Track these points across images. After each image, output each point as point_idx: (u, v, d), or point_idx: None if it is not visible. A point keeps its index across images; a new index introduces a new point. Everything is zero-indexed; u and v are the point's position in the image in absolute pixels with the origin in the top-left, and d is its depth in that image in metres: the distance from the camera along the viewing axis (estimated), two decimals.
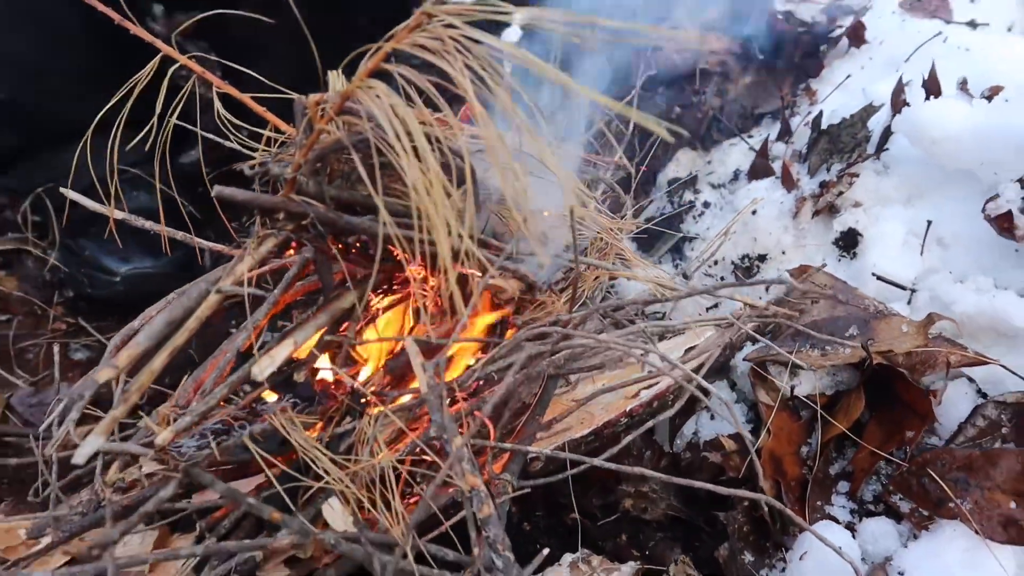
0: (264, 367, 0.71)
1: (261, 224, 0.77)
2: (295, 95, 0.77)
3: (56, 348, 1.04)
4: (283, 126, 0.88)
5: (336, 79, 0.80)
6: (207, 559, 0.76)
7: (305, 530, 0.64)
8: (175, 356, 0.68)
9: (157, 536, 0.83)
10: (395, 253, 0.85)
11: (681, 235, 1.38)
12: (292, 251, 0.83)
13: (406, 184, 0.62)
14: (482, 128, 0.59)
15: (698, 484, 0.85)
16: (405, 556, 0.67)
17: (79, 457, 0.60)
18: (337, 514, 0.72)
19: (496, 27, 0.72)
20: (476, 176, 0.64)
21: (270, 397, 0.86)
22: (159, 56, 0.81)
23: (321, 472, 0.70)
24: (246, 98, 0.83)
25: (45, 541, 0.76)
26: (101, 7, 0.78)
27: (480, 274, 0.91)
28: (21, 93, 1.30)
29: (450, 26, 0.59)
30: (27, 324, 1.41)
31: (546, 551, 0.75)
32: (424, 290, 0.91)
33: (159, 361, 0.66)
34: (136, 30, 0.78)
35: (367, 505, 0.74)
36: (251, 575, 0.79)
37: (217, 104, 0.82)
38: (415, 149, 0.59)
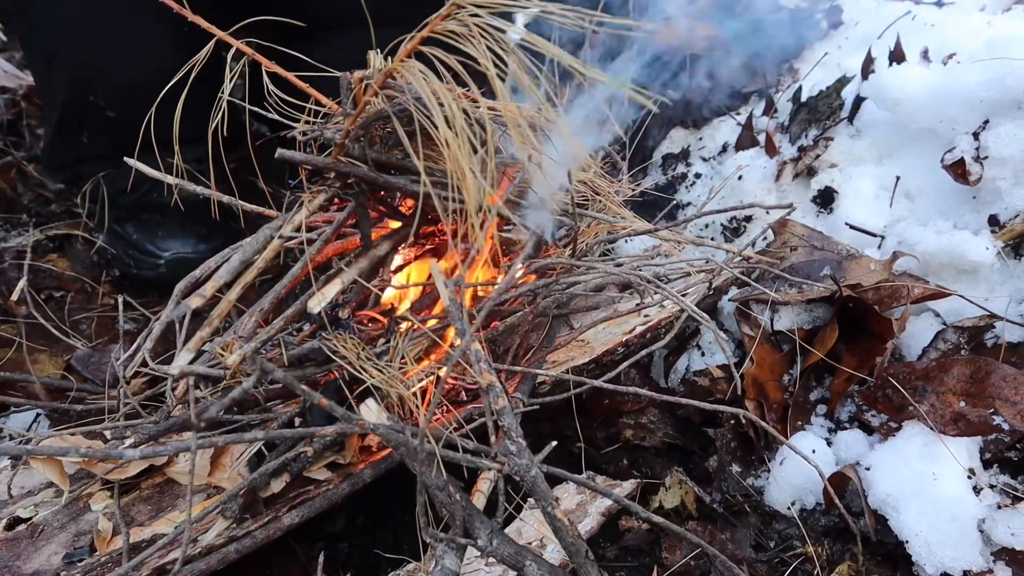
0: (317, 302, 0.84)
1: (312, 183, 0.90)
2: (340, 73, 0.90)
3: (120, 300, 1.16)
4: (324, 100, 1.00)
5: (375, 59, 0.93)
6: (263, 458, 0.89)
7: (349, 418, 0.76)
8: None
9: (215, 450, 0.95)
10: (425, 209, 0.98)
11: (674, 201, 1.51)
12: (335, 206, 0.96)
13: (437, 147, 0.75)
14: (500, 99, 0.72)
15: (685, 401, 0.96)
16: (431, 441, 0.79)
17: (174, 369, 0.71)
18: (373, 412, 0.84)
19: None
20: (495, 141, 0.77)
21: None
22: (214, 40, 0.93)
23: (364, 377, 0.82)
24: (292, 76, 0.95)
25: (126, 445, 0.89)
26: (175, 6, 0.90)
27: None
28: (129, 113, 1.46)
29: (475, 15, 0.71)
30: (79, 299, 1.54)
31: (554, 443, 0.86)
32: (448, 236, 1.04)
33: (234, 292, 0.78)
34: (194, 18, 0.90)
35: (398, 407, 0.86)
36: (300, 474, 0.91)
37: (266, 81, 0.94)
38: (446, 118, 0.72)
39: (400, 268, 1.07)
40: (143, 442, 0.84)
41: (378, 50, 0.93)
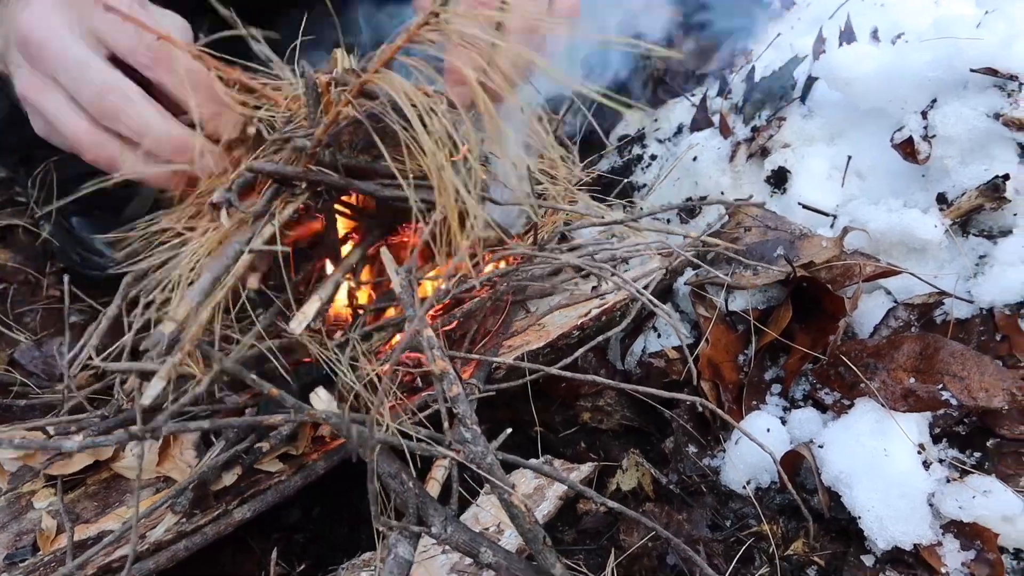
0: (299, 322, 0.81)
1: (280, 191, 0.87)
2: (298, 71, 0.87)
3: (67, 285, 1.11)
4: (278, 98, 0.96)
5: (342, 58, 0.90)
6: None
7: (300, 406, 0.75)
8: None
9: (162, 440, 0.93)
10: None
11: (627, 181, 1.50)
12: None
13: (407, 151, 0.74)
14: (485, 112, 0.70)
15: (642, 389, 0.96)
16: (380, 427, 0.78)
17: (146, 399, 0.68)
18: (323, 400, 0.82)
19: None
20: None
21: None
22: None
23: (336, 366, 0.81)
24: (244, 77, 0.91)
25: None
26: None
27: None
28: None
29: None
30: (23, 292, 1.49)
31: (509, 430, 0.85)
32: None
33: (205, 314, 0.75)
34: (132, 18, 0.85)
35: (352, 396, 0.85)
36: (251, 467, 0.90)
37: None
38: (425, 128, 0.71)
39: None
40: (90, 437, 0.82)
41: (343, 50, 0.91)
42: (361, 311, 1.00)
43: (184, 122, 0.83)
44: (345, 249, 1.00)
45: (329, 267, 0.99)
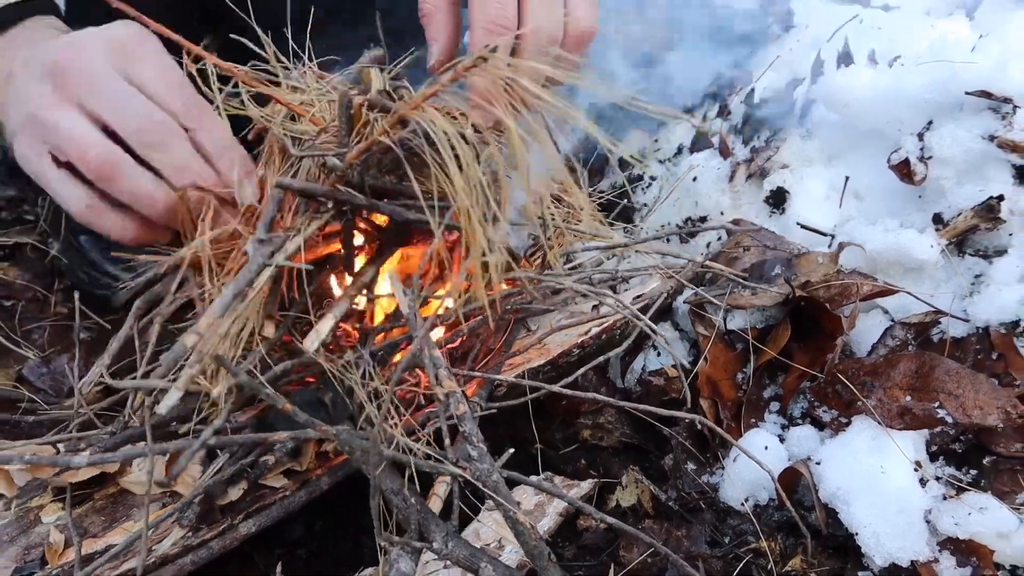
0: (313, 340, 0.82)
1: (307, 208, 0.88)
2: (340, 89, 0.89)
3: (77, 301, 1.12)
4: (300, 111, 0.98)
5: (376, 78, 0.92)
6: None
7: (311, 422, 0.76)
8: None
9: (169, 456, 0.94)
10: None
11: (626, 202, 1.52)
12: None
13: (434, 179, 0.76)
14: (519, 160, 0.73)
15: (642, 407, 0.98)
16: (384, 443, 0.79)
17: (162, 408, 0.69)
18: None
19: None
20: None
21: None
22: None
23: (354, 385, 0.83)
24: (265, 87, 0.93)
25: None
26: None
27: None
28: None
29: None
30: (31, 309, 1.51)
31: (511, 450, 0.86)
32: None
33: (225, 326, 0.77)
34: (157, 27, 0.86)
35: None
36: (256, 482, 0.91)
37: (243, 92, 0.92)
38: (457, 159, 0.73)
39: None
40: (101, 452, 0.83)
41: (378, 67, 0.92)
42: (372, 330, 1.01)
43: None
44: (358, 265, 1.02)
45: (336, 285, 1.01)
